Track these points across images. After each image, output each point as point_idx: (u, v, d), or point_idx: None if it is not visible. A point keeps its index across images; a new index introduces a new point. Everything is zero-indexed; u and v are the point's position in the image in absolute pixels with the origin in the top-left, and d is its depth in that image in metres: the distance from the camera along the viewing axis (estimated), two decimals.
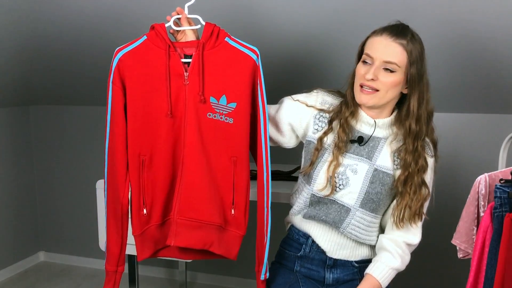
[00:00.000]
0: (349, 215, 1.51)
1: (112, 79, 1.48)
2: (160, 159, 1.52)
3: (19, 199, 3.39)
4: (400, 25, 1.46)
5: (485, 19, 1.92)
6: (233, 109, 1.49)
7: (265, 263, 1.55)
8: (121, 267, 1.58)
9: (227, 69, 1.49)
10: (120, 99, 1.49)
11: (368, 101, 1.46)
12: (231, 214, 1.55)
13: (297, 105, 1.58)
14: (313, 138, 1.56)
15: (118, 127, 1.50)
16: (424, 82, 1.45)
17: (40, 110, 3.41)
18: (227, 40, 1.49)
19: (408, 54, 1.41)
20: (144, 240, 1.57)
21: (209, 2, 2.04)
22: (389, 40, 1.42)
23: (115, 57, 1.47)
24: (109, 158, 1.54)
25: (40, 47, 2.62)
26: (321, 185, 1.51)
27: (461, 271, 2.01)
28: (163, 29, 1.49)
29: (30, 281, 3.26)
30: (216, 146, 1.51)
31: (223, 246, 1.57)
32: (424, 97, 1.46)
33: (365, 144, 1.52)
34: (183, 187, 1.53)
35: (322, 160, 1.52)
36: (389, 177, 1.51)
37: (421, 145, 1.48)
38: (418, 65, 1.42)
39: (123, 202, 1.53)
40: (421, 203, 1.49)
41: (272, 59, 2.27)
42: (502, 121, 2.45)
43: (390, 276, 1.52)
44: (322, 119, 1.55)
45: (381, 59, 1.42)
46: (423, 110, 1.47)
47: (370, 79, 1.43)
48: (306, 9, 2.07)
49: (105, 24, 2.37)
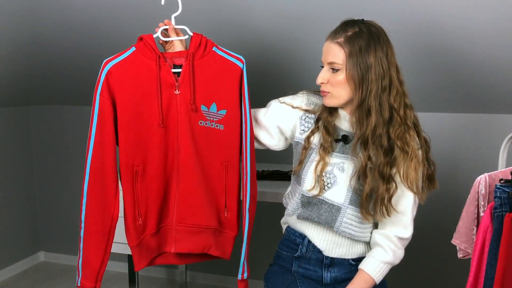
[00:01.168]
0: (340, 214, 1.51)
1: (100, 91, 1.47)
2: (153, 169, 1.53)
3: (19, 199, 3.39)
4: (342, 23, 1.47)
5: (483, 20, 1.92)
6: (223, 116, 1.54)
7: (241, 263, 1.57)
8: (99, 283, 1.55)
9: (216, 77, 1.53)
10: (109, 111, 1.48)
11: (328, 102, 1.51)
12: (225, 217, 1.59)
13: (283, 107, 1.60)
14: (301, 139, 1.58)
15: (107, 140, 1.48)
16: (374, 72, 1.41)
17: (40, 110, 3.41)
18: (214, 50, 1.54)
19: (345, 49, 1.43)
20: (141, 250, 1.58)
21: (195, 13, 2.05)
22: (329, 42, 1.47)
23: (103, 69, 1.47)
24: (93, 172, 1.50)
25: (40, 47, 2.62)
26: (309, 185, 1.52)
27: (461, 271, 2.01)
28: (152, 40, 1.50)
29: (30, 281, 3.26)
30: (209, 153, 1.55)
31: (219, 247, 1.61)
32: (370, 87, 1.42)
33: (350, 142, 1.53)
34: (180, 194, 1.55)
35: (310, 159, 1.54)
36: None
37: (375, 136, 1.43)
38: (358, 58, 1.41)
39: (114, 215, 1.51)
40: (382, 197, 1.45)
41: (258, 63, 2.30)
42: (502, 121, 2.45)
43: (383, 271, 1.52)
44: (309, 120, 1.58)
45: (326, 61, 1.48)
46: (371, 100, 1.42)
47: (320, 83, 1.49)
48: (292, 13, 2.08)
49: (105, 24, 2.37)
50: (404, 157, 1.46)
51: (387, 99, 1.44)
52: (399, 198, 1.49)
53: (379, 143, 1.44)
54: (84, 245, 1.54)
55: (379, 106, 1.43)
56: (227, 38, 2.17)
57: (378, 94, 1.43)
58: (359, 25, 1.44)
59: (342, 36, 1.44)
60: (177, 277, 3.21)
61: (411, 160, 1.46)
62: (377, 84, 1.42)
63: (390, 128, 1.45)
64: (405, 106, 1.47)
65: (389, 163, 1.45)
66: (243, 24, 2.21)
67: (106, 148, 1.49)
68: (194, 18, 1.82)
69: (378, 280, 1.52)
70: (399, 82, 1.46)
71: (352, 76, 1.43)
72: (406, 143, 1.46)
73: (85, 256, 1.54)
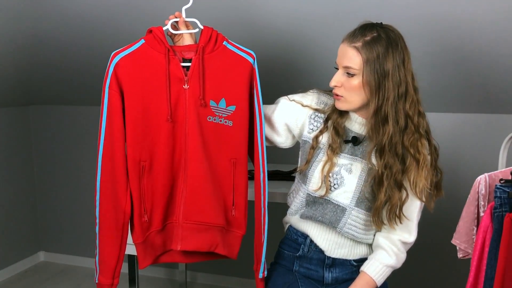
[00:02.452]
0: (345, 215, 1.51)
1: (109, 83, 1.45)
2: (160, 164, 1.50)
3: (19, 199, 3.39)
4: (360, 27, 1.44)
5: (484, 19, 1.92)
6: (232, 112, 1.50)
7: (263, 262, 1.56)
8: (117, 280, 1.55)
9: (226, 72, 1.49)
10: (118, 104, 1.46)
11: (340, 106, 1.48)
12: (232, 215, 1.56)
13: (293, 105, 1.59)
14: (309, 138, 1.56)
15: (117, 133, 1.47)
16: (391, 80, 1.39)
17: (40, 110, 3.41)
18: (225, 44, 1.50)
19: (362, 55, 1.39)
20: (146, 247, 1.56)
21: (206, 3, 2.04)
22: (346, 45, 1.43)
23: (112, 61, 1.45)
24: (105, 166, 1.50)
25: (40, 47, 2.62)
26: (316, 185, 1.51)
27: (461, 271, 2.01)
28: (161, 33, 1.47)
29: (30, 281, 3.26)
30: (217, 149, 1.52)
31: (226, 246, 1.58)
32: (387, 95, 1.40)
33: (359, 144, 1.52)
34: (188, 191, 1.52)
35: (317, 159, 1.53)
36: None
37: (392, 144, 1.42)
38: (376, 64, 1.39)
39: (126, 210, 1.49)
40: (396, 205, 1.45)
41: (268, 60, 2.28)
42: (502, 121, 2.45)
43: (384, 274, 1.52)
44: (318, 119, 1.56)
45: (341, 64, 1.44)
46: (388, 108, 1.40)
47: (333, 85, 1.46)
48: (304, 11, 2.07)
49: (105, 24, 2.37)
50: (415, 165, 1.44)
51: (403, 107, 1.41)
52: (407, 205, 1.49)
53: (395, 151, 1.43)
54: (99, 242, 1.53)
55: (395, 113, 1.41)
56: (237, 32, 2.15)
57: (395, 102, 1.40)
58: (377, 30, 1.41)
59: (360, 41, 1.40)
60: (177, 277, 3.21)
61: (421, 169, 1.45)
62: (394, 91, 1.40)
63: (405, 136, 1.43)
64: (419, 114, 1.45)
65: (401, 171, 1.44)
66: (254, 19, 2.18)
67: (115, 142, 1.47)
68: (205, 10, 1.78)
69: (380, 283, 1.52)
70: (414, 90, 1.44)
71: (369, 82, 1.40)
72: (418, 151, 1.44)
73: (101, 252, 1.53)
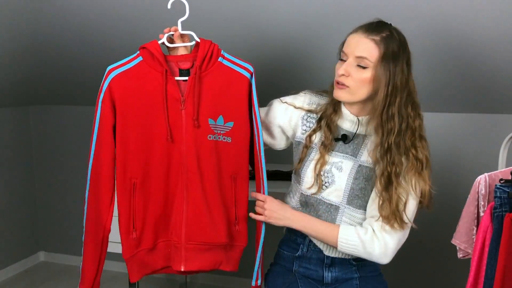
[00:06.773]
0: (339, 213, 1.51)
1: (102, 99, 1.44)
2: (153, 182, 1.50)
3: (19, 199, 3.39)
4: (377, 22, 1.45)
5: (484, 20, 1.92)
6: (231, 128, 1.50)
7: (256, 270, 1.56)
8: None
9: (222, 90, 1.49)
10: (109, 120, 1.45)
11: (342, 96, 1.47)
12: (236, 230, 1.57)
13: (285, 107, 1.60)
14: (302, 139, 1.58)
15: (105, 149, 1.46)
16: (399, 80, 1.40)
17: (40, 110, 3.41)
18: (220, 61, 1.48)
19: (380, 50, 1.40)
20: (134, 263, 1.55)
21: (208, 3, 2.04)
22: (361, 36, 1.42)
23: (107, 77, 1.44)
24: (92, 179, 1.49)
25: (40, 47, 2.62)
26: (308, 183, 1.52)
27: (461, 271, 2.01)
28: (159, 52, 1.45)
29: (30, 281, 3.26)
30: (217, 167, 1.51)
31: (230, 262, 1.59)
32: (395, 94, 1.41)
33: (350, 142, 1.52)
34: (190, 211, 1.51)
35: (310, 158, 1.54)
36: (373, 172, 1.50)
37: (395, 143, 1.43)
38: (390, 62, 1.39)
39: (106, 226, 1.49)
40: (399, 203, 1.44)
41: (269, 60, 2.29)
42: (502, 121, 2.45)
43: (349, 244, 1.46)
44: (310, 120, 1.57)
45: (353, 54, 1.42)
46: (394, 108, 1.41)
47: (341, 74, 1.43)
48: (307, 12, 2.07)
49: (105, 24, 2.37)
50: (416, 166, 1.44)
51: (406, 108, 1.43)
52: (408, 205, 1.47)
53: (398, 152, 1.43)
54: (83, 251, 1.54)
55: (400, 114, 1.42)
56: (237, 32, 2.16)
57: (402, 103, 1.42)
58: (390, 29, 1.42)
59: (378, 36, 1.40)
60: (177, 277, 3.21)
61: (422, 169, 1.45)
62: (401, 92, 1.41)
63: (406, 137, 1.44)
64: (418, 116, 1.47)
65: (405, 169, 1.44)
66: (251, 25, 2.19)
67: (103, 157, 1.46)
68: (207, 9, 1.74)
69: (339, 247, 1.47)
70: (415, 93, 1.46)
71: (380, 78, 1.40)
72: (418, 152, 1.45)
73: (83, 262, 1.54)
